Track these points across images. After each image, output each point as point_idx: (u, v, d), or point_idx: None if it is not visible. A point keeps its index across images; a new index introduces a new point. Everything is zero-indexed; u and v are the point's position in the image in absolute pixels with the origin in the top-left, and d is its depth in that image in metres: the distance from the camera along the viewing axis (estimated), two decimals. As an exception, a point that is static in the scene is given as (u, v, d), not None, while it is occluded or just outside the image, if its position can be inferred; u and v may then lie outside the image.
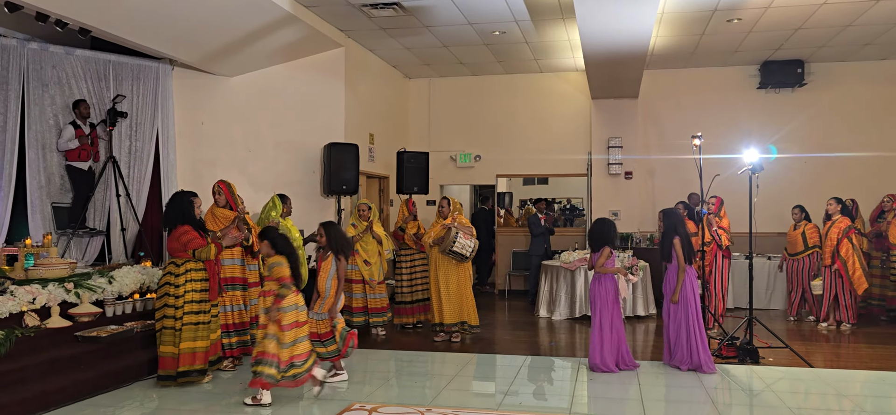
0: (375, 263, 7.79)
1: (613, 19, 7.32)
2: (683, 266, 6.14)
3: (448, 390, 5.62)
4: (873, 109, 10.99)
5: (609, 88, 10.73)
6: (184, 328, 5.56)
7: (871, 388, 5.82)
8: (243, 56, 8.77)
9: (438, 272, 7.48)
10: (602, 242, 6.18)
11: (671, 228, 6.23)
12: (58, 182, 8.14)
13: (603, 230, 6.25)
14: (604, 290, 6.13)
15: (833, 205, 8.57)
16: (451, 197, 7.74)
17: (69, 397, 5.13)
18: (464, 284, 7.53)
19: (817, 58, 10.76)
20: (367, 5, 8.19)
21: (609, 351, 6.07)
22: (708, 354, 6.15)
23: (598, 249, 6.19)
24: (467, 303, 7.54)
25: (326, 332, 5.64)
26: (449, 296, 7.43)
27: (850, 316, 8.34)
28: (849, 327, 8.29)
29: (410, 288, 8.32)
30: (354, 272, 7.69)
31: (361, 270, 7.72)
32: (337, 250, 5.66)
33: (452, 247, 7.23)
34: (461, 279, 7.50)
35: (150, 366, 5.82)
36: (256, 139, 9.39)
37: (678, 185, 10.84)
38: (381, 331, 7.88)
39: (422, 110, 12.41)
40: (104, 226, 8.43)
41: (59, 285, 6.01)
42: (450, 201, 7.66)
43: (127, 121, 8.56)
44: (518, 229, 12.53)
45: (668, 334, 6.33)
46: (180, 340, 5.54)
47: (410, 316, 8.34)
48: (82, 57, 8.38)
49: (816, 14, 8.57)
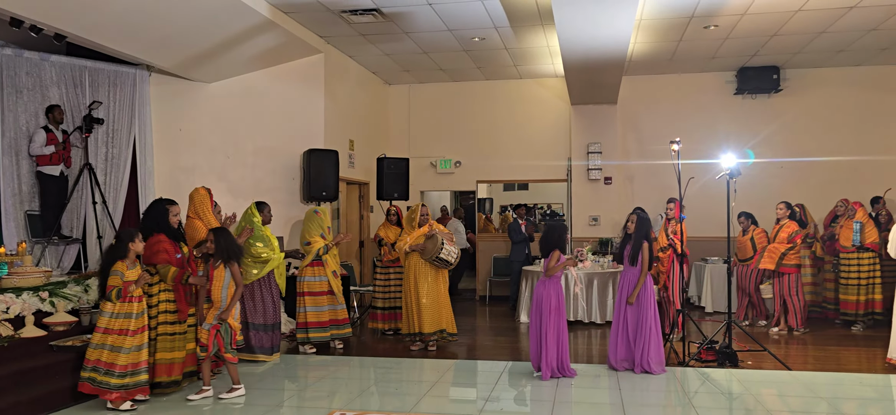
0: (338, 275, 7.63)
1: (592, 25, 7.38)
2: (646, 271, 6.24)
3: (429, 396, 5.60)
4: (847, 114, 11.17)
5: (588, 94, 10.80)
6: (159, 339, 5.49)
7: (848, 390, 5.89)
8: (222, 62, 8.71)
9: (418, 280, 7.36)
10: (551, 247, 6.16)
11: (644, 235, 6.28)
12: (31, 190, 8.01)
13: (550, 235, 6.23)
14: (548, 294, 6.10)
15: (782, 209, 8.58)
16: (426, 208, 7.66)
17: (43, 408, 5.03)
18: (443, 291, 7.49)
19: (792, 64, 10.91)
20: (346, 11, 8.17)
21: (551, 356, 6.06)
22: (660, 356, 6.24)
23: (548, 253, 6.18)
24: (446, 311, 7.49)
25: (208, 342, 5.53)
26: (428, 304, 7.33)
27: (799, 322, 8.33)
28: (800, 332, 8.27)
29: (385, 294, 8.30)
30: (323, 284, 7.47)
31: (331, 282, 7.47)
32: (227, 258, 5.52)
33: (440, 254, 7.20)
34: (440, 287, 7.47)
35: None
36: (235, 146, 9.32)
37: (657, 190, 10.95)
38: (339, 344, 7.62)
39: (402, 116, 12.40)
40: (80, 234, 8.31)
41: (33, 294, 5.92)
42: (428, 210, 7.66)
43: (103, 127, 8.46)
44: (498, 235, 12.55)
45: (619, 335, 6.39)
46: (156, 350, 5.47)
47: (383, 322, 8.33)
48: (58, 63, 8.28)
49: (791, 21, 8.69)
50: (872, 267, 8.58)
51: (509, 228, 11.11)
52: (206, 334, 5.47)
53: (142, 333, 5.25)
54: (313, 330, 7.37)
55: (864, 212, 8.70)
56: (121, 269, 5.16)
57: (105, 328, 5.13)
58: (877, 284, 8.60)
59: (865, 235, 8.51)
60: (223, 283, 5.50)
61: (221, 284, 5.50)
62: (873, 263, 8.58)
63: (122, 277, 5.14)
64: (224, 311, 5.47)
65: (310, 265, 7.41)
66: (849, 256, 8.66)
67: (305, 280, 7.41)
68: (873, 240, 8.52)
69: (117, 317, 5.14)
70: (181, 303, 5.62)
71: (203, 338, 5.49)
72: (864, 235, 8.50)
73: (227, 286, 5.51)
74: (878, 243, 8.53)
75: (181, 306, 5.62)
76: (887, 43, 9.73)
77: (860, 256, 8.57)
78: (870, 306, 8.60)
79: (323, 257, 7.41)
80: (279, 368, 6.71)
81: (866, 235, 8.51)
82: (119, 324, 5.13)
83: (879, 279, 8.61)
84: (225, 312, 5.46)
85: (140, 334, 5.23)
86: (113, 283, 5.14)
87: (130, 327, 5.16)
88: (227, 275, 5.52)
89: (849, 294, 8.65)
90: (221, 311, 5.47)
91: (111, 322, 5.13)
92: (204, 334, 5.50)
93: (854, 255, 8.60)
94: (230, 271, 5.53)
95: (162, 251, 5.47)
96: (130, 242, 5.23)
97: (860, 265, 8.58)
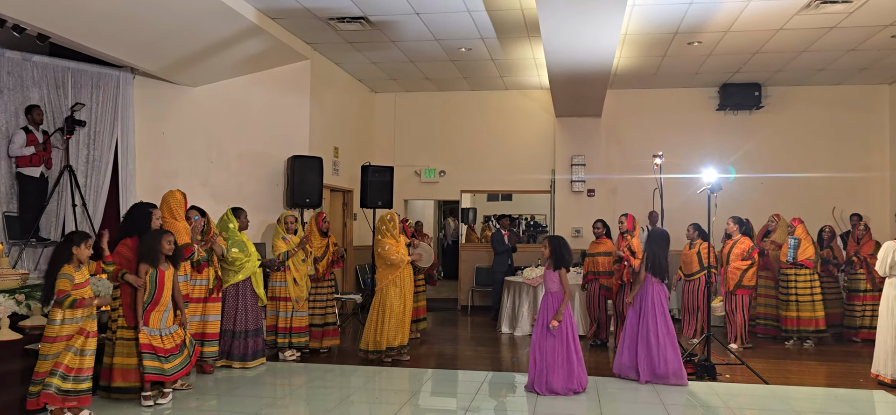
0: (304, 283, 7.48)
1: (578, 38, 7.44)
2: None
3: (409, 405, 5.60)
4: (827, 131, 11.33)
5: (573, 107, 10.87)
6: (117, 343, 5.40)
7: (824, 405, 5.95)
8: (207, 66, 8.67)
9: (405, 291, 7.27)
10: (560, 262, 6.12)
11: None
12: (9, 191, 7.91)
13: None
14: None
15: (731, 225, 8.40)
16: (395, 215, 7.54)
17: (18, 412, 4.96)
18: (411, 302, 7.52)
19: (774, 81, 11.06)
20: (333, 19, 8.17)
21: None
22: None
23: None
24: (408, 320, 7.46)
25: (174, 347, 5.49)
26: (405, 316, 7.26)
27: (744, 337, 8.21)
28: (740, 349, 8.08)
29: (311, 311, 7.77)
30: (282, 290, 7.36)
31: (290, 289, 7.35)
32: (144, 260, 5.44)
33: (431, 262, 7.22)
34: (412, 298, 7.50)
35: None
36: (219, 150, 9.27)
37: (639, 203, 11.03)
38: (294, 353, 7.40)
39: (387, 125, 12.41)
40: (59, 236, 8.20)
41: (9, 297, 5.84)
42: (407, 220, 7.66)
43: (85, 129, 8.38)
44: (480, 246, 12.57)
45: (639, 344, 6.45)
46: (114, 353, 5.40)
47: (318, 340, 7.76)
48: (40, 63, 8.19)
49: (773, 39, 8.82)
50: (809, 284, 8.51)
51: (492, 238, 11.14)
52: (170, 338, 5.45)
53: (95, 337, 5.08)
54: (271, 334, 7.37)
55: (803, 228, 8.66)
56: (69, 272, 4.93)
57: (56, 336, 4.88)
58: (817, 301, 8.50)
59: (801, 251, 8.47)
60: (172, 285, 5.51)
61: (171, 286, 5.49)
62: (810, 279, 8.51)
63: (71, 281, 4.91)
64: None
65: (276, 270, 7.39)
66: (786, 273, 8.65)
67: (274, 286, 7.39)
68: (808, 256, 8.46)
69: (70, 323, 4.93)
70: (125, 307, 5.45)
71: (166, 343, 5.44)
72: (799, 251, 8.46)
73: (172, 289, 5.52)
74: (813, 260, 8.50)
75: (126, 311, 5.45)
76: (866, 63, 9.89)
77: (797, 272, 8.54)
78: (815, 323, 8.48)
79: (286, 263, 7.34)
80: (258, 375, 6.67)
81: (802, 251, 8.47)
82: (69, 330, 4.92)
83: (820, 296, 8.53)
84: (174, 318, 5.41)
85: (94, 338, 5.06)
86: (62, 286, 4.88)
87: (89, 329, 4.99)
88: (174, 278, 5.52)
89: (789, 311, 8.58)
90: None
91: (61, 329, 4.89)
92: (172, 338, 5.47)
93: (791, 271, 8.59)
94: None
95: (119, 255, 5.42)
96: (75, 247, 4.98)
97: (798, 282, 8.54)
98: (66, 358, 4.88)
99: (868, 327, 8.68)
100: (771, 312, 9.07)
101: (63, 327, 4.91)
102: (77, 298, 4.90)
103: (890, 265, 6.47)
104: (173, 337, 5.51)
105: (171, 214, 6.16)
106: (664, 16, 8.01)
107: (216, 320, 6.54)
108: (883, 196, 11.17)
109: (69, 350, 4.90)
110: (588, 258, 8.58)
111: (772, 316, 9.08)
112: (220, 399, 5.77)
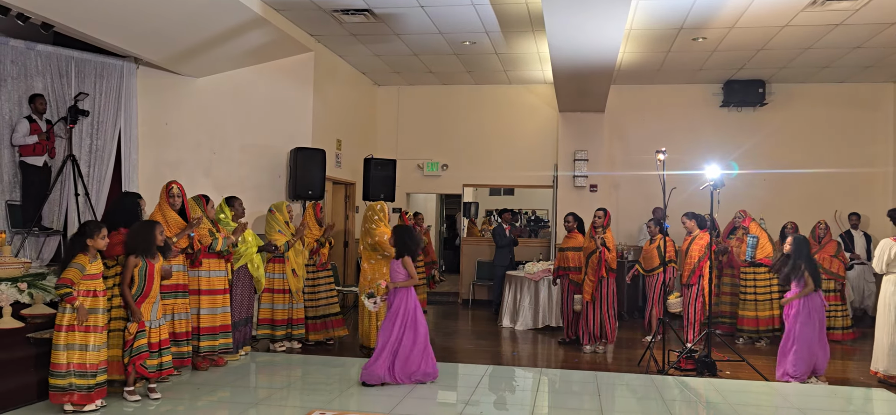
0: (302, 274, 7.50)
1: (582, 33, 7.42)
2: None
3: (410, 397, 5.60)
4: (830, 129, 11.32)
5: (576, 102, 10.85)
6: (111, 335, 5.33)
7: (824, 402, 5.95)
8: (210, 57, 8.67)
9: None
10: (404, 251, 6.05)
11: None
12: (12, 179, 7.93)
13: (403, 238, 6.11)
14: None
15: (690, 221, 8.20)
16: (384, 204, 7.52)
17: (19, 400, 4.99)
18: None
19: (778, 78, 11.03)
20: (338, 11, 8.17)
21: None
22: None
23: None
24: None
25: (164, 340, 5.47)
26: None
27: (696, 332, 7.89)
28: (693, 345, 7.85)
29: (314, 302, 7.82)
30: (281, 282, 7.37)
31: (289, 281, 7.37)
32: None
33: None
34: None
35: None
36: (222, 142, 9.27)
37: (642, 199, 11.04)
38: (296, 345, 7.51)
39: (390, 118, 12.40)
40: (61, 225, 8.23)
41: (11, 285, 5.85)
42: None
43: (88, 119, 8.38)
44: (482, 240, 12.57)
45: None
46: (110, 346, 5.32)
47: (321, 332, 7.82)
48: (44, 52, 8.20)
49: (777, 36, 8.79)
50: (768, 282, 8.43)
51: (494, 232, 11.15)
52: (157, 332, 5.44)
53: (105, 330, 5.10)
54: (263, 327, 7.36)
55: (757, 226, 8.59)
56: (82, 262, 4.94)
57: (69, 325, 4.92)
58: (775, 300, 8.37)
59: (759, 249, 8.35)
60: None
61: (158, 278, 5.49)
62: (769, 278, 8.40)
63: (82, 271, 4.91)
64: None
65: (271, 262, 7.37)
66: (745, 272, 8.59)
67: (271, 277, 7.37)
68: (767, 254, 8.32)
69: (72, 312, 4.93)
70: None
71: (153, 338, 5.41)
72: (757, 250, 8.35)
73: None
74: (772, 259, 8.20)
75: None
76: (871, 61, 9.86)
77: (756, 271, 8.47)
78: (771, 323, 8.41)
79: (285, 255, 7.34)
80: (258, 365, 6.68)
81: (760, 249, 8.36)
82: (69, 319, 4.93)
83: (777, 295, 8.31)
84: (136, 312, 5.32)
85: (104, 332, 5.08)
86: (71, 275, 4.88)
87: (99, 324, 5.01)
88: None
89: (747, 310, 8.51)
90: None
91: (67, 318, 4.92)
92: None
93: (750, 270, 8.51)
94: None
95: (120, 244, 5.38)
96: (90, 239, 4.99)
97: (756, 281, 8.48)
98: (75, 356, 4.90)
99: (840, 327, 8.63)
100: (736, 310, 8.85)
101: (67, 315, 4.93)
102: (69, 294, 4.88)
103: (887, 262, 6.46)
104: (160, 331, 5.46)
105: (164, 205, 6.14)
106: (669, 11, 7.99)
107: (227, 312, 6.54)
108: (886, 193, 11.15)
109: (73, 347, 4.91)
110: (559, 253, 8.36)
111: (725, 313, 8.99)
112: (226, 392, 5.77)
